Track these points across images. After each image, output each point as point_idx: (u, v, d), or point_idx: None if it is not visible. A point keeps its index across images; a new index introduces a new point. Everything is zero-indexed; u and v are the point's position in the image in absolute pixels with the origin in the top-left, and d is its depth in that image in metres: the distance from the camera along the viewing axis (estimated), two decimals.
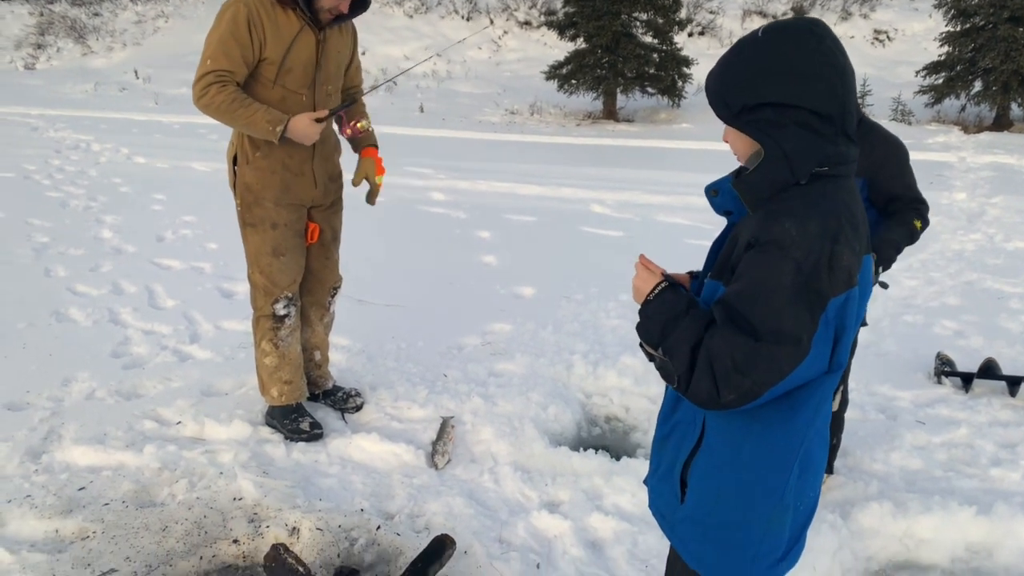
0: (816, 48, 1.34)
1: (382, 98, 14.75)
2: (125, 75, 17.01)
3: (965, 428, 3.46)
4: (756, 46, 1.38)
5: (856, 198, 1.43)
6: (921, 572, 2.63)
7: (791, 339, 1.31)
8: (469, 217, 7.24)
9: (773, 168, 1.37)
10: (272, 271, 3.20)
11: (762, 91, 1.36)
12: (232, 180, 3.17)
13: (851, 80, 1.39)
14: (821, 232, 1.32)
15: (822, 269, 1.31)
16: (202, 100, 2.90)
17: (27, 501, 2.80)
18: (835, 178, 1.39)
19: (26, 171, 8.54)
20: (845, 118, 1.37)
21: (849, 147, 1.39)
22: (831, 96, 1.34)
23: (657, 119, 13.66)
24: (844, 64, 1.36)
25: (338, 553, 2.62)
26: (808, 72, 1.34)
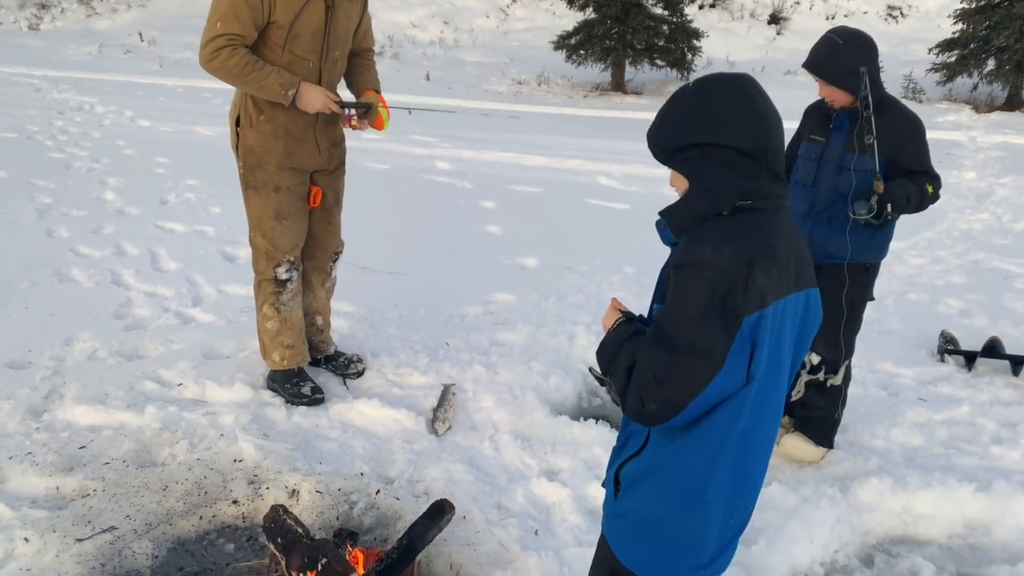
0: (737, 93, 1.50)
1: (388, 65, 14.60)
2: (129, 37, 16.83)
3: (967, 406, 3.45)
4: (686, 95, 1.54)
5: (784, 233, 1.53)
6: (919, 547, 2.64)
7: (705, 352, 1.42)
8: (474, 187, 7.19)
9: (697, 200, 1.51)
10: (274, 235, 3.18)
11: (690, 133, 1.51)
12: (234, 141, 3.14)
13: (773, 124, 1.51)
14: (736, 256, 1.44)
15: (737, 289, 1.42)
16: (212, 63, 2.87)
17: (28, 458, 2.81)
18: (758, 211, 1.51)
19: (29, 132, 8.47)
20: (768, 157, 1.49)
21: (774, 185, 1.51)
22: (750, 135, 1.47)
23: (665, 92, 13.50)
24: (765, 108, 1.50)
25: (337, 516, 2.63)
26: (728, 114, 1.48)
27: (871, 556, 2.59)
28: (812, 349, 3.02)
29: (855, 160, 2.79)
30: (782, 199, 1.54)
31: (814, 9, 17.32)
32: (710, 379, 1.43)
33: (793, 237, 1.56)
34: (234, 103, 3.14)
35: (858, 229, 2.82)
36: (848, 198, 2.80)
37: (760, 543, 2.50)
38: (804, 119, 3.03)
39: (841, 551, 2.58)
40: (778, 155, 1.52)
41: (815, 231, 2.90)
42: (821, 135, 2.89)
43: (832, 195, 2.85)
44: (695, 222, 1.53)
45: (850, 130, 2.80)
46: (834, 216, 2.85)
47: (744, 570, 2.38)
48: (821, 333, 2.97)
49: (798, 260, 1.55)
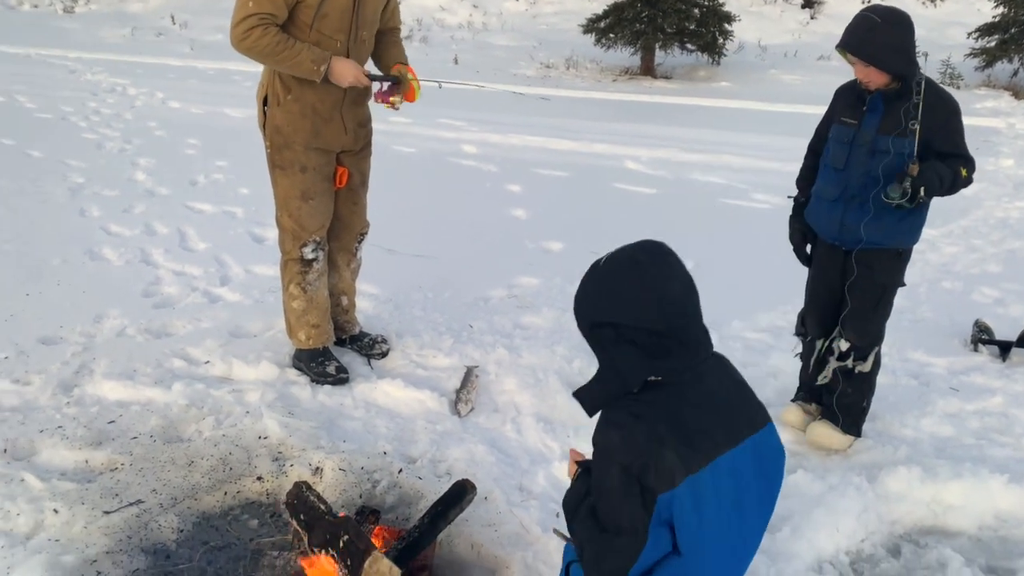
0: (639, 277, 1.54)
1: (417, 49, 14.57)
2: (162, 20, 16.98)
3: (1000, 397, 3.38)
4: (596, 274, 1.59)
5: (705, 402, 1.57)
6: (947, 538, 2.59)
7: (628, 531, 1.53)
8: (500, 170, 7.17)
9: (607, 381, 1.58)
10: (301, 215, 3.19)
11: (600, 313, 1.57)
12: (262, 120, 3.15)
13: (678, 298, 1.55)
14: (645, 438, 1.49)
15: (649, 469, 1.49)
16: (244, 43, 2.87)
17: (59, 432, 2.86)
18: (668, 386, 1.56)
19: (63, 112, 8.60)
20: (677, 333, 1.54)
21: (683, 358, 1.55)
22: (654, 316, 1.52)
23: (696, 76, 13.34)
24: (666, 286, 1.54)
25: (360, 494, 2.64)
26: (632, 298, 1.53)
27: (898, 546, 2.55)
28: (842, 336, 2.97)
29: (890, 143, 2.71)
30: (694, 368, 1.57)
31: None
32: (637, 553, 1.54)
33: (720, 394, 1.60)
34: (262, 82, 3.15)
35: (891, 213, 2.76)
36: (882, 181, 2.74)
37: (784, 531, 2.47)
38: (835, 100, 2.95)
39: (867, 540, 2.54)
40: (689, 326, 1.56)
41: (847, 216, 2.83)
42: (853, 117, 2.81)
43: (865, 179, 2.77)
44: (605, 402, 1.59)
45: (884, 112, 2.72)
46: (866, 200, 2.78)
47: (768, 557, 2.35)
48: (852, 319, 2.94)
49: (727, 417, 1.59)
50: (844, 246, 2.91)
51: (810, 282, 3.11)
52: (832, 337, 3.02)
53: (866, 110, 2.76)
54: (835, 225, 2.87)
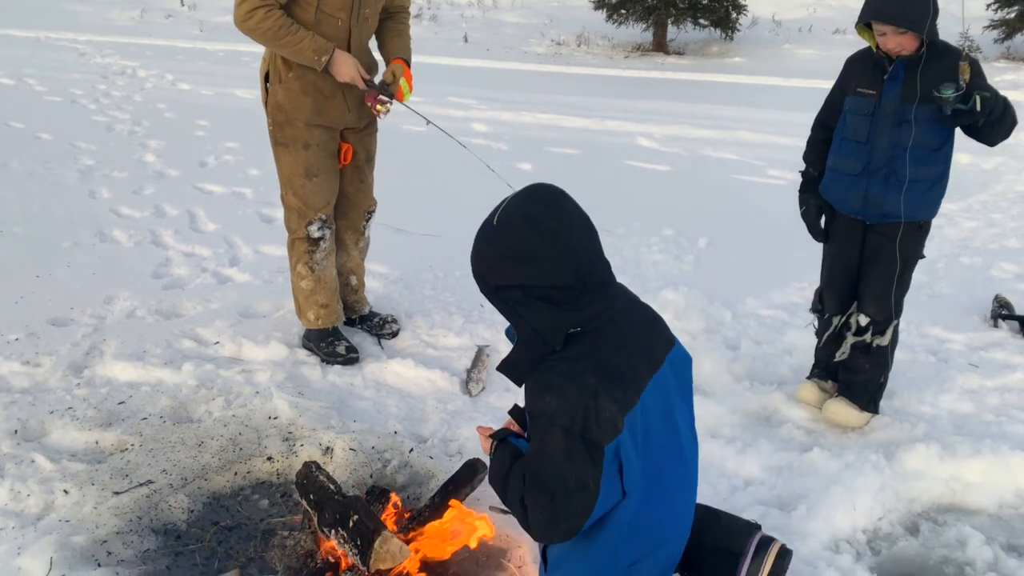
0: (537, 233, 1.48)
1: (426, 27, 14.46)
2: (171, 2, 16.91)
3: (1021, 373, 3.31)
4: (491, 235, 1.53)
5: (623, 339, 1.56)
6: (967, 516, 2.54)
7: (579, 489, 1.51)
8: (510, 149, 7.10)
9: (529, 345, 1.54)
10: (305, 192, 3.15)
11: (506, 274, 1.51)
12: (264, 97, 3.12)
13: (581, 246, 1.52)
14: (579, 394, 1.47)
15: (591, 424, 1.48)
16: (247, 23, 2.85)
17: (69, 413, 2.86)
18: (588, 334, 1.53)
19: (73, 95, 8.59)
20: (586, 280, 1.50)
21: (595, 303, 1.52)
22: (561, 269, 1.48)
23: (709, 52, 13.17)
24: (566, 237, 1.49)
25: (371, 473, 2.62)
26: (535, 256, 1.48)
27: (916, 524, 2.51)
28: (860, 310, 2.92)
29: (915, 111, 2.64)
30: (610, 307, 1.55)
31: None
32: (592, 507, 1.54)
33: (631, 326, 1.60)
34: (264, 58, 3.11)
35: (918, 184, 2.69)
36: (912, 152, 2.66)
37: (800, 509, 2.43)
38: (846, 71, 2.86)
39: (885, 518, 2.50)
40: (596, 270, 1.53)
41: (872, 189, 2.76)
42: (871, 88, 2.72)
43: (891, 150, 2.69)
44: (532, 367, 1.55)
45: (904, 80, 2.65)
46: (892, 172, 2.71)
47: (784, 536, 2.31)
48: (872, 293, 2.87)
49: (645, 346, 1.61)
50: (867, 220, 2.84)
51: (827, 258, 3.05)
52: (850, 312, 2.96)
53: (887, 79, 2.68)
54: (858, 199, 2.80)
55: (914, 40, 2.60)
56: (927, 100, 2.61)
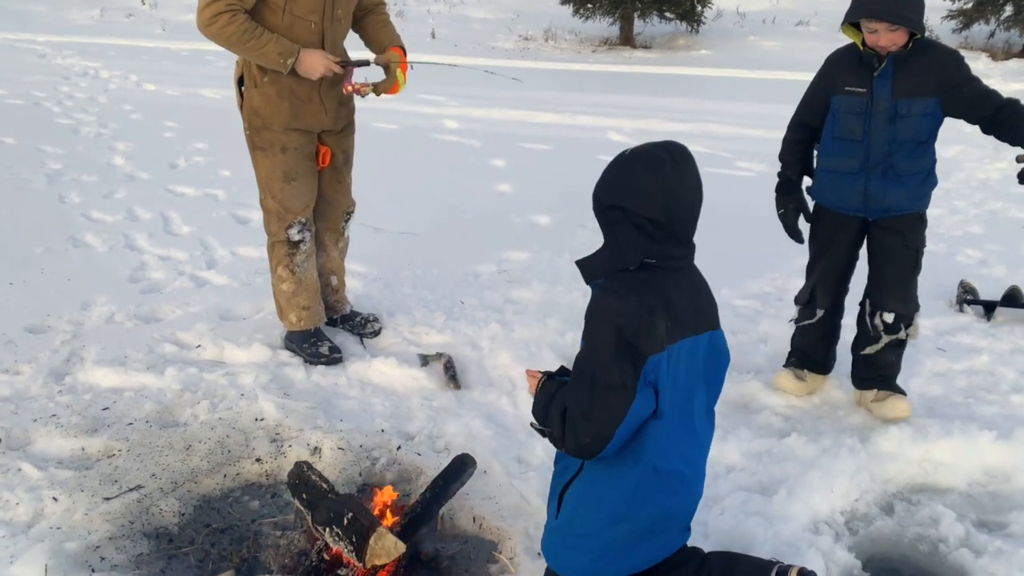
0: (656, 167, 1.71)
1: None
2: (131, 1, 16.64)
3: (986, 355, 3.43)
4: (619, 163, 1.78)
5: (682, 287, 1.77)
6: (939, 495, 2.64)
7: (619, 386, 1.67)
8: (483, 145, 7.13)
9: (608, 254, 1.77)
10: (284, 196, 3.16)
11: (615, 196, 1.76)
12: (239, 102, 3.10)
13: (684, 197, 1.73)
14: (639, 305, 1.66)
15: (641, 332, 1.65)
16: (210, 28, 2.81)
17: (52, 420, 2.85)
18: (661, 270, 1.74)
19: (36, 98, 8.43)
20: (675, 226, 1.72)
21: (677, 248, 1.75)
22: (660, 208, 1.70)
23: (675, 45, 13.29)
24: (678, 184, 1.72)
25: (360, 472, 2.65)
26: (644, 189, 1.71)
27: (891, 504, 2.60)
28: (883, 308, 2.93)
29: (909, 105, 2.69)
30: (685, 259, 1.78)
31: None
32: (627, 409, 1.67)
33: (693, 288, 1.81)
34: (238, 62, 3.09)
35: (914, 177, 2.76)
36: (906, 146, 2.71)
37: (781, 492, 2.51)
38: (828, 70, 2.86)
39: (861, 500, 2.59)
40: (685, 224, 1.74)
41: (871, 185, 2.79)
42: (860, 85, 2.73)
43: (887, 146, 2.73)
44: (604, 272, 1.77)
45: (894, 74, 2.68)
46: (890, 167, 2.74)
47: (765, 519, 2.39)
48: (892, 288, 2.92)
49: (697, 308, 1.79)
50: (869, 216, 2.87)
51: (819, 255, 3.06)
52: (871, 312, 2.98)
53: (877, 76, 2.71)
54: (858, 197, 2.83)
55: (904, 35, 2.62)
56: (919, 94, 2.66)
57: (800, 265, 4.34)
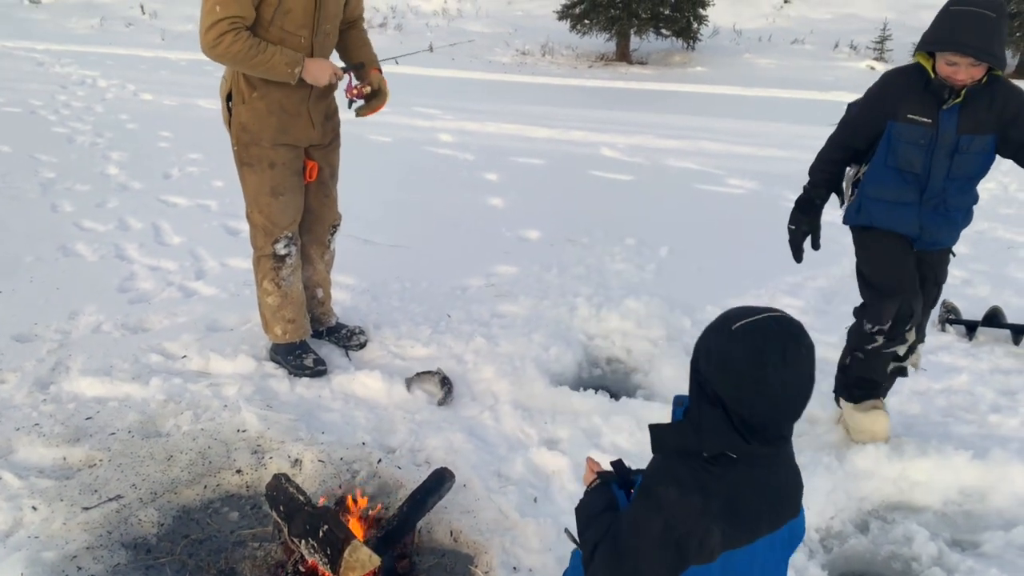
0: (761, 371, 1.40)
1: (391, 37, 14.50)
2: (131, 10, 16.76)
3: (966, 375, 3.46)
4: (726, 336, 1.44)
5: (761, 488, 1.51)
6: (913, 514, 2.67)
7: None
8: (476, 159, 7.18)
9: (685, 431, 1.51)
10: (271, 211, 3.18)
11: (711, 377, 1.46)
12: (227, 118, 3.12)
13: (788, 400, 1.44)
14: (700, 510, 1.46)
15: (692, 540, 1.47)
16: (216, 49, 2.81)
17: (35, 429, 2.86)
18: (740, 465, 1.49)
19: (32, 106, 8.48)
20: (769, 429, 1.46)
21: (765, 446, 1.48)
22: (755, 411, 1.43)
23: (671, 62, 13.39)
24: (782, 389, 1.42)
25: (339, 484, 2.67)
26: (744, 385, 1.42)
27: (866, 522, 2.62)
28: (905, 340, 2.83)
29: (970, 141, 2.55)
30: (768, 458, 1.51)
31: None
32: None
33: (776, 482, 1.55)
34: (225, 78, 3.11)
35: (963, 213, 2.71)
36: (958, 182, 2.62)
37: None
38: (888, 92, 2.65)
39: (837, 517, 2.61)
40: (782, 425, 1.48)
41: (925, 219, 2.69)
42: (926, 116, 2.55)
43: (944, 182, 2.62)
44: (675, 449, 1.53)
45: (961, 109, 2.54)
46: (942, 203, 2.66)
47: None
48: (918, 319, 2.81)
49: (776, 505, 1.55)
50: (921, 248, 2.79)
51: (891, 274, 2.77)
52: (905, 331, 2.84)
53: (945, 110, 2.54)
54: (914, 228, 2.72)
55: (984, 71, 2.47)
56: (980, 131, 2.55)
57: (786, 283, 4.41)
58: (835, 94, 10.53)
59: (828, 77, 11.65)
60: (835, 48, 13.45)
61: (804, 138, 8.12)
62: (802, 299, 4.23)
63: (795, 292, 4.31)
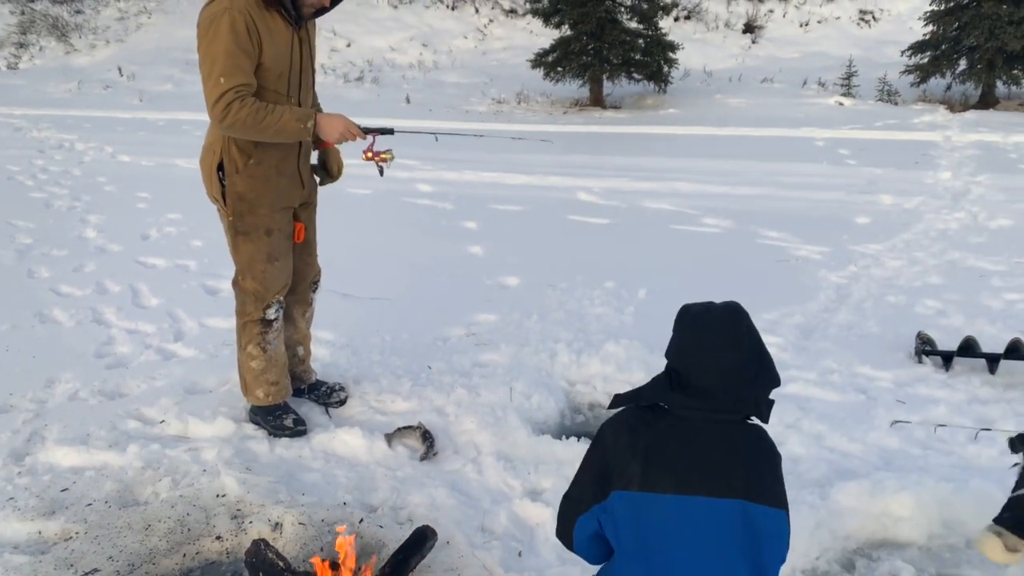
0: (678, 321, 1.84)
1: (368, 90, 14.69)
2: (109, 72, 16.88)
3: (944, 406, 3.48)
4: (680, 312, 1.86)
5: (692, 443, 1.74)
6: (898, 550, 2.66)
7: (575, 498, 1.85)
8: (455, 208, 7.24)
9: (634, 391, 1.85)
10: (266, 277, 3.15)
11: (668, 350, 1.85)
12: (218, 190, 3.03)
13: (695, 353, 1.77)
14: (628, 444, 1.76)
15: (616, 468, 1.75)
16: (225, 122, 2.75)
17: (10, 503, 2.81)
18: (667, 415, 1.78)
19: (9, 172, 8.49)
20: (692, 379, 1.75)
21: (689, 399, 1.75)
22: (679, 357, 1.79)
23: (644, 105, 13.63)
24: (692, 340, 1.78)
25: (321, 547, 2.63)
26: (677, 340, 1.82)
27: (852, 560, 2.61)
28: None
29: None
30: (694, 410, 1.75)
31: (787, 16, 17.54)
32: (574, 517, 1.83)
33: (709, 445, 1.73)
34: (211, 149, 3.01)
35: None
36: None
37: None
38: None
39: (822, 557, 2.60)
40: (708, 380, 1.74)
41: None
42: None
43: None
44: (623, 403, 1.86)
45: None
46: None
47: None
48: None
49: (708, 467, 1.71)
50: None
51: None
52: None
53: None
54: None
55: None
56: None
57: (764, 320, 4.44)
58: (806, 130, 10.74)
59: (798, 114, 11.88)
60: (804, 85, 13.75)
61: (777, 175, 8.26)
62: (780, 336, 4.27)
63: (773, 329, 4.34)
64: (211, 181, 3.05)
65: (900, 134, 10.44)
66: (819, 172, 8.45)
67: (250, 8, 2.77)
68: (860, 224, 6.54)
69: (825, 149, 9.62)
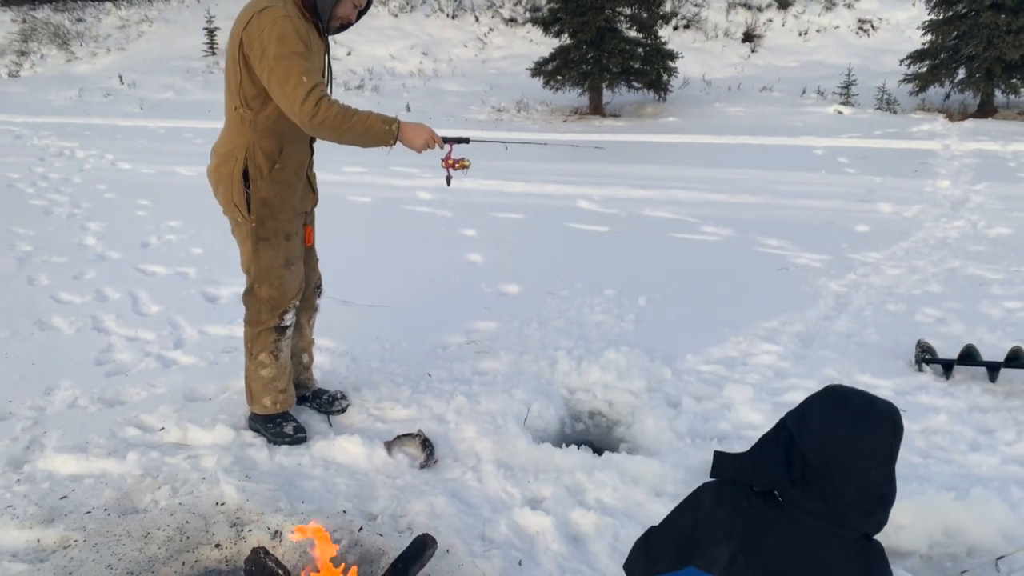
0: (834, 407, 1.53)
1: (368, 98, 14.72)
2: (109, 80, 16.93)
3: (944, 415, 3.48)
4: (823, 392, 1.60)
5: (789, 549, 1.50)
6: (901, 559, 2.65)
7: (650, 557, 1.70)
8: (455, 215, 7.24)
9: (743, 462, 1.61)
10: (283, 283, 3.15)
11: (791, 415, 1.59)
12: (241, 196, 2.97)
13: (846, 456, 1.48)
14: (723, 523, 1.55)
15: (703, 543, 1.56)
16: (316, 117, 2.68)
17: (8, 511, 2.80)
18: (778, 508, 1.54)
19: (9, 179, 8.51)
20: (823, 477, 1.49)
21: (811, 499, 1.50)
22: (818, 450, 1.49)
23: (643, 113, 13.65)
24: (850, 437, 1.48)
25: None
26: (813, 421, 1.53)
27: None
28: None
29: None
30: (809, 515, 1.51)
31: (787, 26, 17.61)
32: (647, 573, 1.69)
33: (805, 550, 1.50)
34: (231, 156, 2.95)
35: None
36: None
37: None
38: None
39: None
40: (840, 484, 1.48)
41: None
42: None
43: None
44: (727, 477, 1.62)
45: None
46: None
47: None
48: None
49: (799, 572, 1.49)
50: None
51: None
52: None
53: None
54: None
55: None
56: None
57: (763, 329, 4.44)
58: (805, 139, 10.77)
59: (797, 123, 11.91)
60: (803, 94, 13.79)
61: (776, 183, 8.28)
62: (780, 344, 4.26)
63: (772, 337, 4.34)
64: (233, 188, 2.98)
65: (899, 143, 10.47)
66: (818, 180, 8.47)
67: (299, 15, 2.81)
68: (859, 232, 6.55)
69: (824, 158, 9.64)
